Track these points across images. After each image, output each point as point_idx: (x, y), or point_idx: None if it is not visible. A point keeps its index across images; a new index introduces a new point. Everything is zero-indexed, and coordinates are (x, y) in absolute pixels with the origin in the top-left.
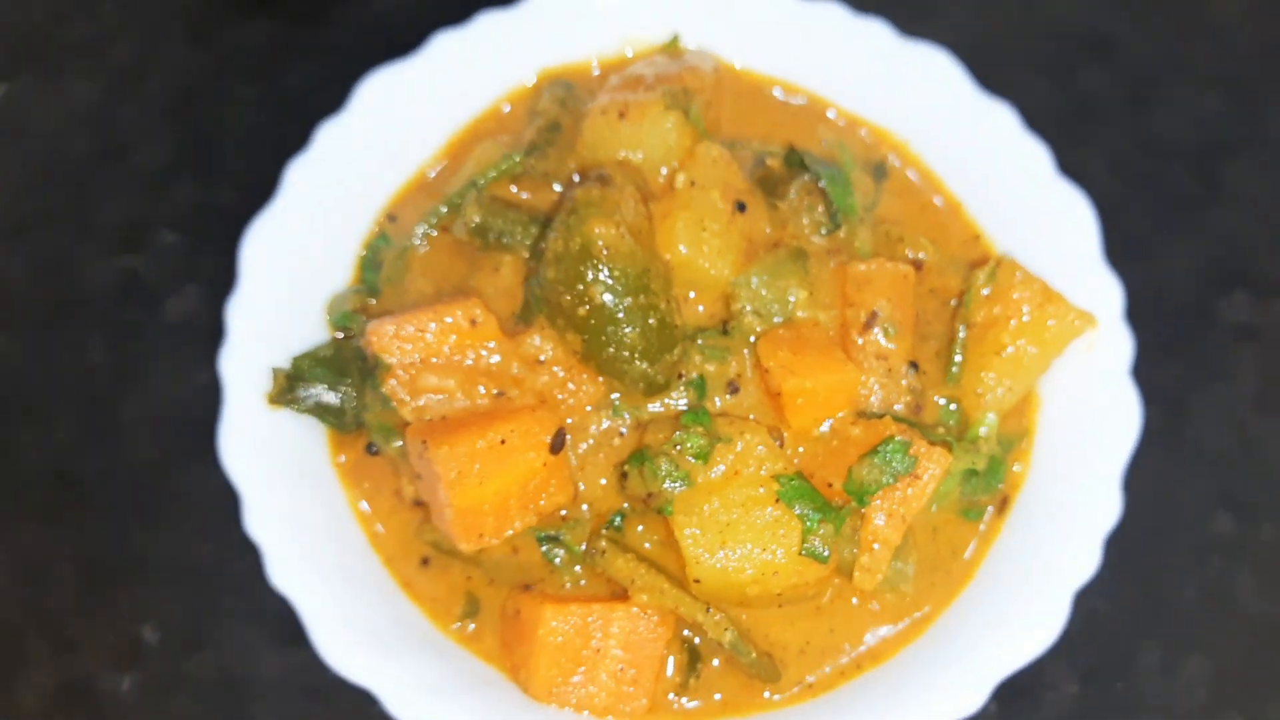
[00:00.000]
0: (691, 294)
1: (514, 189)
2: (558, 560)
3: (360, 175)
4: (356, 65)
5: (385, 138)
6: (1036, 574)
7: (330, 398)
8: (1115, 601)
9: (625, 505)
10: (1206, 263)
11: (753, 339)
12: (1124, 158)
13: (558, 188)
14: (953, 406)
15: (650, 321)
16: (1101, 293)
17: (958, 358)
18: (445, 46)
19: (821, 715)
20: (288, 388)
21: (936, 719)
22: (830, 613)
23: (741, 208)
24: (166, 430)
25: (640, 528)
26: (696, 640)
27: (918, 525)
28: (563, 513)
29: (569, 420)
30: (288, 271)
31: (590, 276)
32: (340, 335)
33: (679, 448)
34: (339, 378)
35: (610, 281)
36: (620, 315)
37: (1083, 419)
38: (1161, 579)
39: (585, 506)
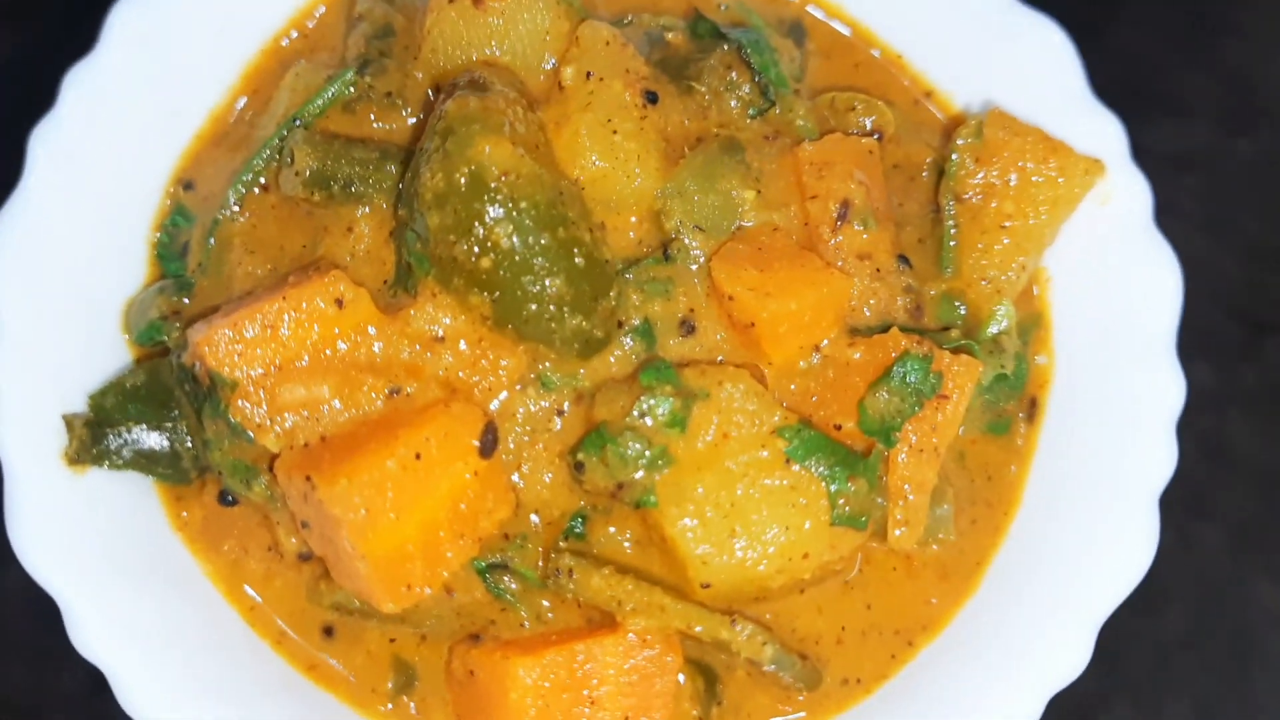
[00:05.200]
0: (615, 218)
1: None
2: (509, 595)
3: (131, 136)
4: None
5: (155, 81)
6: (1102, 484)
7: (155, 441)
8: None
9: (584, 504)
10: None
11: (700, 260)
12: None
13: (407, 113)
14: (958, 304)
15: (576, 261)
16: (1097, 133)
17: (952, 242)
18: None
19: (888, 714)
20: (92, 439)
21: (1036, 691)
22: (862, 585)
23: (652, 98)
24: None
25: (611, 529)
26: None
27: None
28: (505, 532)
29: (493, 406)
30: (56, 281)
31: (489, 214)
32: (152, 352)
33: (646, 418)
34: (161, 411)
35: (516, 216)
36: (536, 260)
37: (1110, 286)
38: None
39: (534, 517)
